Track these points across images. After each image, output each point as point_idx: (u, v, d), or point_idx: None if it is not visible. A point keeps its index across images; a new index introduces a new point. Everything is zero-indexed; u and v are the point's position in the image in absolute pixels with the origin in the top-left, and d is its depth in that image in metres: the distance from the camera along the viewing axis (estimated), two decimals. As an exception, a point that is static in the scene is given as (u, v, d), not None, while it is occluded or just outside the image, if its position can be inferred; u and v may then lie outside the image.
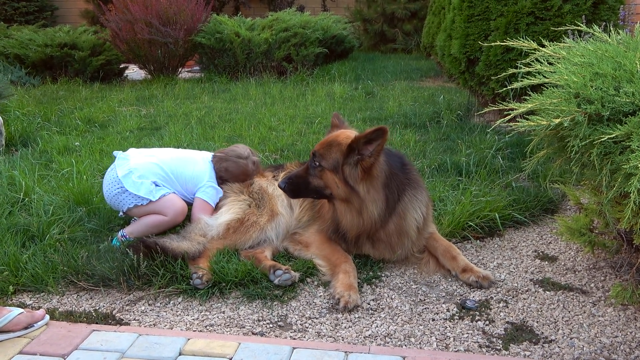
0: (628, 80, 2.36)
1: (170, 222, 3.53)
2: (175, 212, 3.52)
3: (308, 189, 3.17)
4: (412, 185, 3.28)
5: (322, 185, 3.13)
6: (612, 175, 2.25)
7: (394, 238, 3.23)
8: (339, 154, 3.06)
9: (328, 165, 3.08)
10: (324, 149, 3.12)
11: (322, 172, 3.11)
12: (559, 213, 3.98)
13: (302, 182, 3.16)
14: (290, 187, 3.19)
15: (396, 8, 14.79)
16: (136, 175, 3.50)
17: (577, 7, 5.47)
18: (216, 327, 2.73)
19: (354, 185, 3.04)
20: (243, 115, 7.00)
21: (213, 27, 10.27)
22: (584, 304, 2.87)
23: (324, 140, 3.22)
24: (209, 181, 3.69)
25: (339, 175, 3.05)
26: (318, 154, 3.12)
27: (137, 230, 3.48)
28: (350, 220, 3.15)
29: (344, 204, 3.14)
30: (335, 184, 3.07)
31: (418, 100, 7.97)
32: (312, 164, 3.14)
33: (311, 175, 3.14)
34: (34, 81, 9.66)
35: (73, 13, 15.62)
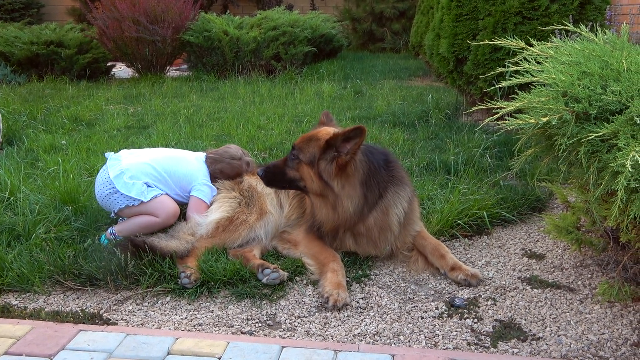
0: (615, 79, 2.38)
1: (162, 224, 3.51)
2: (167, 213, 3.50)
3: (283, 179, 3.25)
4: (394, 183, 3.29)
5: (298, 177, 3.20)
6: (600, 173, 2.26)
7: (374, 232, 3.24)
8: (316, 149, 3.10)
9: (305, 159, 3.14)
10: (304, 143, 3.18)
11: (299, 165, 3.17)
12: (546, 211, 4.00)
13: (278, 172, 3.25)
14: (267, 176, 3.28)
15: (385, 7, 14.83)
16: (128, 175, 3.48)
17: (564, 7, 5.51)
18: (205, 326, 2.71)
19: (327, 181, 3.09)
20: (232, 114, 6.97)
21: (201, 25, 10.23)
22: (571, 302, 2.89)
23: (305, 135, 3.28)
24: (203, 179, 3.67)
25: (314, 170, 3.11)
26: (297, 147, 3.18)
27: (127, 230, 3.45)
28: (325, 214, 3.20)
29: (319, 198, 3.19)
30: (310, 177, 3.13)
31: (406, 100, 7.99)
32: (291, 157, 3.21)
33: (288, 167, 3.22)
34: (20, 79, 9.56)
35: (59, 10, 15.49)
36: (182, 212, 3.67)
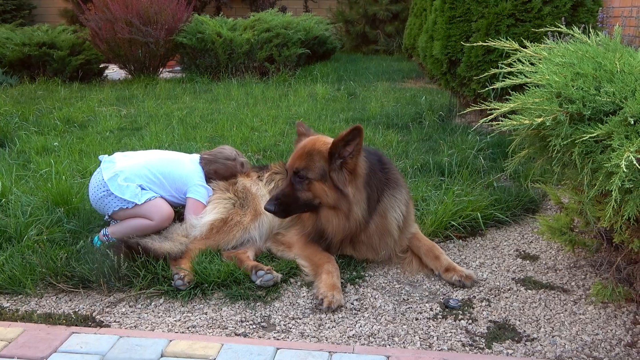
0: (608, 80, 2.39)
1: (155, 227, 3.48)
2: (161, 216, 3.48)
3: (298, 204, 3.12)
4: (390, 185, 3.28)
5: (311, 197, 3.10)
6: (594, 174, 2.27)
7: (375, 239, 3.24)
8: (322, 162, 3.05)
9: (315, 176, 3.06)
10: (306, 161, 3.08)
11: (310, 185, 3.08)
12: (540, 212, 4.01)
13: (292, 200, 3.10)
14: (281, 207, 3.11)
15: (378, 10, 14.87)
16: (122, 178, 3.46)
17: (557, 10, 5.54)
18: (198, 328, 2.70)
19: (343, 189, 3.04)
20: (225, 116, 6.96)
21: (194, 27, 10.21)
22: (565, 303, 2.90)
23: (301, 152, 3.15)
24: (198, 180, 3.65)
25: (327, 183, 3.05)
26: (301, 168, 3.08)
27: (120, 232, 3.43)
28: (337, 225, 3.14)
29: (331, 211, 3.12)
30: (324, 192, 3.06)
31: (400, 101, 8.00)
32: (297, 179, 3.09)
33: (298, 190, 3.10)
34: (12, 80, 9.50)
35: (51, 12, 15.42)
36: (177, 213, 3.65)
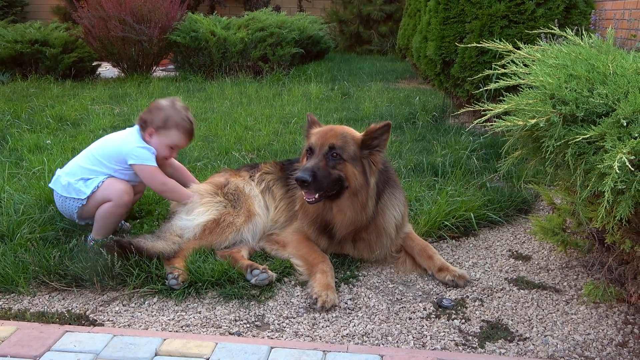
0: (601, 82, 2.41)
1: (119, 203, 3.41)
2: (117, 192, 3.40)
3: (329, 181, 3.04)
4: (391, 184, 3.31)
5: (342, 177, 3.07)
6: (586, 175, 2.29)
7: (372, 236, 3.25)
8: (355, 147, 3.09)
9: (347, 157, 3.08)
10: (341, 140, 3.09)
11: (342, 164, 3.07)
12: (532, 213, 4.04)
13: (324, 175, 3.02)
14: (315, 180, 2.98)
15: (372, 10, 14.90)
16: (62, 178, 3.46)
17: (550, 12, 5.58)
18: (192, 327, 2.70)
19: (368, 177, 3.10)
20: (219, 115, 6.95)
21: (188, 25, 10.19)
22: (557, 302, 2.92)
23: (333, 132, 3.13)
24: (134, 144, 3.49)
25: (358, 168, 3.08)
26: (338, 146, 3.06)
27: (97, 228, 3.43)
28: (349, 216, 3.15)
29: (348, 200, 3.12)
30: (354, 175, 3.08)
31: (394, 101, 8.02)
32: (330, 156, 3.06)
33: (330, 167, 3.06)
34: (3, 78, 9.44)
35: (44, 9, 15.33)
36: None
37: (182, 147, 3.69)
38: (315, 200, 3.04)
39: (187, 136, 3.59)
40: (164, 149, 3.56)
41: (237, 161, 4.98)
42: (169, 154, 3.61)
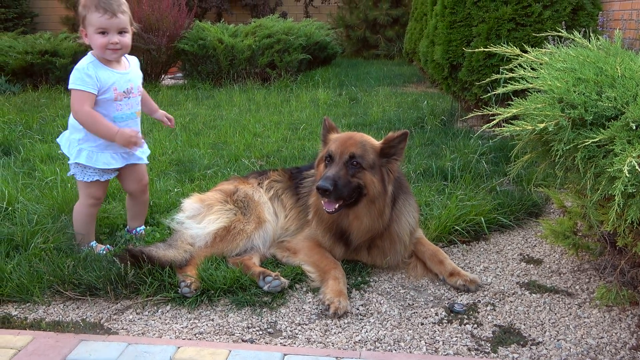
0: (610, 85, 2.41)
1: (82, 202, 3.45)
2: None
3: (349, 189, 3.05)
4: (404, 190, 3.34)
5: (361, 185, 3.09)
6: (596, 178, 2.29)
7: (387, 243, 3.27)
8: (374, 155, 3.12)
9: (367, 165, 3.10)
10: (361, 149, 3.11)
11: (361, 172, 3.09)
12: (543, 216, 4.03)
13: (344, 183, 3.04)
14: (336, 188, 2.99)
15: (378, 14, 14.94)
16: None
17: (557, 14, 5.58)
18: (206, 335, 2.72)
19: (386, 186, 3.13)
20: (228, 122, 6.99)
21: (196, 33, 10.27)
22: (569, 306, 2.91)
23: (352, 141, 3.14)
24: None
25: (377, 176, 3.11)
26: (357, 155, 3.09)
27: (76, 228, 3.50)
28: (367, 223, 3.17)
29: (365, 208, 3.14)
30: (372, 183, 3.10)
31: (402, 106, 8.03)
32: (350, 165, 3.08)
33: (350, 175, 3.08)
34: (15, 89, 9.55)
35: (53, 20, 15.48)
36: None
37: (111, 26, 3.19)
38: (335, 210, 3.06)
39: (102, 12, 3.14)
40: (96, 38, 3.19)
41: (246, 168, 5.01)
42: (105, 40, 3.19)
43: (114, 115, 3.31)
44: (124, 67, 3.41)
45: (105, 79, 3.24)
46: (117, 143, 3.24)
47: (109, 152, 3.36)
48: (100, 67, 3.25)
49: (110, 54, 3.25)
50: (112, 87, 3.26)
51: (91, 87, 3.18)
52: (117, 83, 3.28)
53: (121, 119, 3.34)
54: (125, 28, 3.26)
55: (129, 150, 3.41)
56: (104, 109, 3.27)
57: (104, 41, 3.19)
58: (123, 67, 3.40)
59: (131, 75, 3.41)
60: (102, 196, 3.54)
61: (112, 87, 3.26)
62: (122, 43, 3.25)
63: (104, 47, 3.21)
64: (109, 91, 3.25)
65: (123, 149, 3.36)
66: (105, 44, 3.20)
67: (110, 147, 3.35)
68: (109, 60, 3.30)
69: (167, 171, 4.96)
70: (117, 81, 3.29)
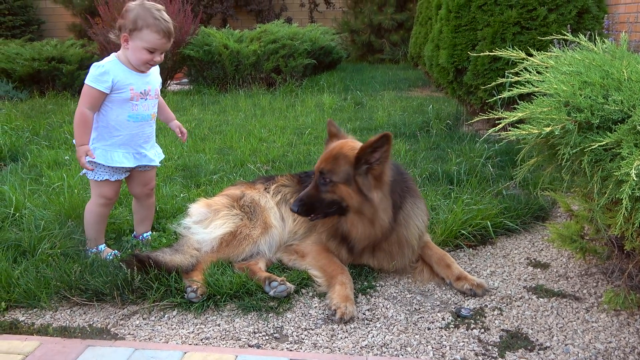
0: (616, 89, 2.40)
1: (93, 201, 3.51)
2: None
3: (322, 205, 3.13)
4: (412, 194, 3.32)
5: (336, 199, 3.11)
6: (604, 182, 2.28)
7: (394, 247, 3.25)
8: (347, 166, 3.07)
9: (339, 179, 3.08)
10: (331, 163, 3.11)
11: (335, 187, 3.10)
12: (549, 220, 4.02)
13: (316, 200, 3.12)
14: (304, 208, 3.13)
15: (383, 19, 14.96)
16: None
17: (562, 17, 5.57)
18: (212, 340, 2.72)
19: (367, 194, 3.07)
20: (233, 127, 7.01)
21: (201, 39, 10.31)
22: (577, 310, 2.90)
23: (328, 155, 3.18)
24: None
25: (352, 187, 3.07)
26: (326, 170, 3.10)
27: (86, 228, 3.54)
28: (362, 231, 3.16)
29: (356, 216, 3.14)
30: (349, 195, 3.08)
31: (407, 110, 8.03)
32: (322, 182, 3.12)
33: (322, 191, 3.12)
34: (22, 95, 9.61)
35: (60, 27, 15.59)
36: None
37: (161, 48, 3.31)
38: (312, 218, 3.19)
39: (161, 35, 3.25)
40: (142, 53, 3.27)
41: (252, 173, 5.02)
42: (149, 57, 3.30)
43: (129, 114, 3.37)
44: None
45: (123, 79, 3.31)
46: (76, 152, 3.32)
47: (121, 151, 3.41)
48: (121, 68, 3.33)
49: (146, 68, 3.38)
50: (129, 86, 3.33)
51: (103, 86, 3.25)
52: (134, 84, 3.35)
53: (136, 118, 3.40)
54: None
55: (141, 151, 3.47)
56: (120, 107, 3.34)
57: (149, 58, 3.30)
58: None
59: (150, 79, 3.47)
60: (113, 197, 3.56)
61: (129, 87, 3.33)
62: (158, 60, 3.38)
63: (146, 63, 3.32)
64: (125, 90, 3.32)
65: (135, 148, 3.44)
66: (149, 60, 3.32)
67: (122, 146, 3.41)
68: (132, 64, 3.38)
69: (173, 176, 4.98)
70: (135, 82, 3.36)
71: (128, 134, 3.39)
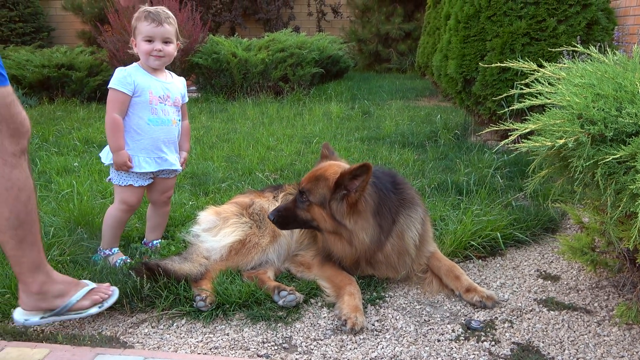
0: (629, 101, 2.39)
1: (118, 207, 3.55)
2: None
3: (296, 221, 3.22)
4: (406, 205, 3.29)
5: (310, 219, 3.17)
6: (617, 195, 2.26)
7: (393, 258, 3.24)
8: (326, 190, 3.09)
9: (316, 200, 3.12)
10: (312, 184, 3.15)
11: (310, 207, 3.14)
12: (559, 232, 3.99)
13: (290, 215, 3.21)
14: (279, 220, 3.24)
15: (390, 28, 15.00)
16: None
17: (572, 28, 5.56)
18: (221, 349, 2.71)
19: (340, 220, 3.08)
20: (241, 135, 7.02)
21: (210, 47, 10.36)
22: (588, 324, 2.87)
23: (312, 175, 3.22)
24: None
25: (326, 211, 3.09)
26: (306, 190, 3.15)
27: (103, 230, 3.57)
28: (341, 249, 3.18)
29: (332, 235, 3.17)
30: (322, 217, 3.11)
31: (415, 120, 8.03)
32: (300, 199, 3.19)
33: (299, 208, 3.19)
34: (31, 102, 9.68)
35: (70, 34, 15.72)
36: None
37: (157, 34, 3.39)
38: (282, 228, 3.34)
39: (150, 21, 3.37)
40: (142, 45, 3.42)
41: (260, 181, 5.02)
42: (149, 47, 3.40)
43: (149, 118, 3.45)
44: (165, 78, 3.59)
45: (142, 83, 3.42)
46: (113, 159, 3.41)
47: (142, 156, 3.46)
48: (141, 73, 3.47)
49: (154, 61, 3.46)
50: (148, 90, 3.43)
51: (126, 89, 3.37)
52: (153, 87, 3.45)
53: (156, 122, 3.48)
54: (170, 38, 3.46)
55: (162, 155, 3.53)
56: (140, 110, 3.43)
57: (149, 48, 3.41)
58: (163, 78, 3.58)
59: (170, 86, 3.58)
60: (135, 204, 3.59)
61: (148, 90, 3.43)
62: (165, 51, 3.46)
63: (148, 54, 3.43)
64: (144, 94, 3.42)
65: (156, 153, 3.50)
66: (150, 50, 3.42)
67: (143, 151, 3.46)
68: (153, 69, 3.50)
69: (182, 184, 4.99)
70: (154, 86, 3.46)
71: (149, 138, 3.46)
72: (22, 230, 2.54)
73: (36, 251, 2.64)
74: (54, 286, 2.73)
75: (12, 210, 2.47)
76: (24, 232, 2.55)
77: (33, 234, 2.60)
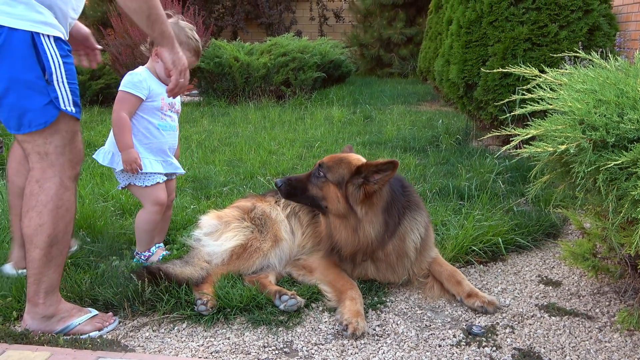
0: (631, 107, 2.40)
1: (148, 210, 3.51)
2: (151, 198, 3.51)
3: (304, 195, 3.21)
4: (411, 208, 3.30)
5: (321, 196, 3.17)
6: (619, 201, 2.27)
7: (392, 258, 3.25)
8: (346, 171, 3.11)
9: (333, 179, 3.12)
10: (333, 162, 3.17)
11: (325, 184, 3.14)
12: (561, 237, 3.99)
13: (300, 187, 3.20)
14: (287, 188, 3.22)
15: (392, 33, 15.03)
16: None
17: (573, 34, 5.57)
18: (222, 353, 2.71)
19: (353, 205, 3.09)
20: (243, 139, 7.03)
21: (212, 51, 10.38)
22: (590, 330, 2.87)
23: (333, 155, 3.26)
24: None
25: (341, 191, 3.10)
26: (325, 166, 3.16)
27: (139, 235, 3.56)
28: (345, 236, 3.18)
29: (339, 219, 3.17)
30: (336, 198, 3.11)
31: (416, 124, 8.04)
32: (316, 174, 3.18)
33: (312, 183, 3.19)
34: (33, 105, 9.67)
35: (72, 37, 15.72)
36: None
37: (190, 65, 3.42)
38: (285, 197, 3.32)
39: (192, 54, 3.54)
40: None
41: (262, 186, 5.02)
42: None
43: (158, 123, 3.50)
44: None
45: (155, 89, 3.47)
46: (122, 157, 3.40)
47: (151, 157, 3.50)
48: (153, 79, 3.51)
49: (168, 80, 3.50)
50: (160, 96, 3.49)
51: (140, 92, 3.40)
52: (164, 95, 3.49)
53: (164, 128, 3.54)
54: None
55: (167, 159, 3.58)
56: (150, 115, 3.47)
57: None
58: None
59: None
60: (165, 199, 3.58)
61: (160, 97, 3.49)
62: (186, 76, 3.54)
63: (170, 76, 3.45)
64: (157, 99, 3.47)
65: (162, 156, 3.55)
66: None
67: (151, 153, 3.49)
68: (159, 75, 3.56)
69: (183, 188, 4.99)
70: (164, 93, 3.47)
71: (157, 142, 3.50)
72: (56, 250, 2.69)
73: (58, 274, 2.76)
74: (60, 312, 2.81)
75: (55, 228, 2.65)
76: (56, 252, 2.69)
77: (62, 257, 2.75)
